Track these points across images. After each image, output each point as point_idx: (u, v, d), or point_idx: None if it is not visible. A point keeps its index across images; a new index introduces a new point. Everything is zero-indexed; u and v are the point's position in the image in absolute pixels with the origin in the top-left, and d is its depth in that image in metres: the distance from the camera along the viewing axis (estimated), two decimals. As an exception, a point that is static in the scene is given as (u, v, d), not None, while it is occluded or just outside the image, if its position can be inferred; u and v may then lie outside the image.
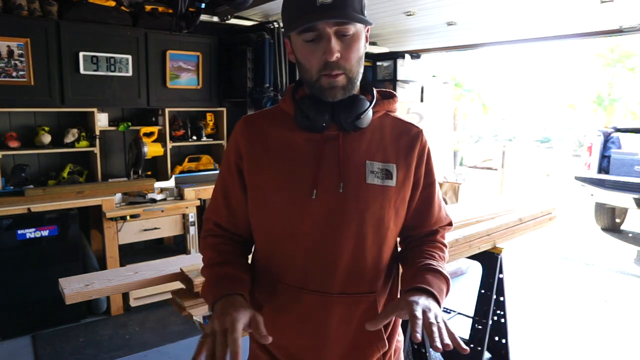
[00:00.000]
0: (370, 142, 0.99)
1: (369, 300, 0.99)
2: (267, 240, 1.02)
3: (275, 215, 0.98)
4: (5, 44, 2.92)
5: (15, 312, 2.91)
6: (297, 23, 0.88)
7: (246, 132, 1.02)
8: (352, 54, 0.91)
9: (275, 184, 0.97)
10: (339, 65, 0.91)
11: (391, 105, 1.04)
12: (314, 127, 0.95)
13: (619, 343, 3.06)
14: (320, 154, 0.96)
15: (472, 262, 3.51)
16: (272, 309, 1.01)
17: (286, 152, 0.97)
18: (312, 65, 0.92)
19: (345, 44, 0.91)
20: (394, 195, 0.98)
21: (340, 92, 0.94)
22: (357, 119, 0.95)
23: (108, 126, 3.54)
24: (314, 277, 0.96)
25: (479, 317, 2.44)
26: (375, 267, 0.99)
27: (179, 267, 1.59)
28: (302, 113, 0.95)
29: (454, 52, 4.83)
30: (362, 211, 0.95)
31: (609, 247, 5.32)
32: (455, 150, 6.40)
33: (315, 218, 0.95)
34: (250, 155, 1.00)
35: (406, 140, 1.02)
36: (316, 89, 0.95)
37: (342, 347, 1.00)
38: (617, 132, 5.80)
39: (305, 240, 0.96)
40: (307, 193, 0.94)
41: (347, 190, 0.95)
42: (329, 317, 0.97)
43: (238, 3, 3.12)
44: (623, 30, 3.45)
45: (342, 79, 0.93)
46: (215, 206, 1.07)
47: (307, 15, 0.87)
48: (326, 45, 0.89)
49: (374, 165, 0.97)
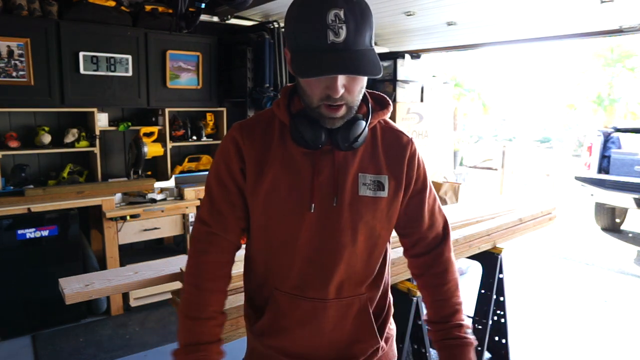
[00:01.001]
0: (363, 155, 1.01)
1: (361, 300, 1.04)
2: (265, 249, 1.04)
3: (274, 226, 1.00)
4: (5, 44, 2.92)
5: (15, 312, 2.91)
6: (305, 63, 0.84)
7: (248, 139, 1.01)
8: (356, 88, 0.90)
9: (274, 195, 0.98)
10: (342, 98, 0.89)
11: (385, 116, 1.05)
12: (309, 146, 0.96)
13: (619, 343, 3.06)
14: (316, 168, 0.97)
15: (472, 262, 3.50)
16: (272, 314, 1.04)
17: (284, 163, 0.98)
18: (314, 94, 0.90)
19: (351, 79, 0.88)
20: (386, 205, 1.01)
21: (340, 122, 0.94)
22: (355, 142, 0.96)
23: (108, 126, 3.54)
24: (310, 285, 1.00)
25: (479, 317, 2.44)
26: (367, 271, 1.04)
27: (179, 267, 1.59)
28: (298, 132, 0.94)
29: (454, 52, 4.83)
30: (356, 222, 0.99)
31: (609, 247, 5.32)
32: (455, 150, 6.39)
33: (312, 230, 0.98)
34: (252, 162, 1.00)
35: (396, 150, 1.04)
36: (315, 114, 0.93)
37: (337, 346, 1.05)
38: (617, 132, 5.80)
39: (302, 251, 0.99)
40: (305, 206, 0.97)
41: (341, 203, 0.97)
42: (324, 321, 1.02)
43: (238, 3, 3.12)
44: (623, 30, 3.45)
45: (343, 109, 0.92)
46: (208, 208, 1.04)
47: (316, 54, 0.83)
48: (332, 83, 0.86)
49: (366, 177, 0.99)
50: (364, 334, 1.05)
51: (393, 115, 4.41)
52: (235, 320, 1.35)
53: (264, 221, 1.01)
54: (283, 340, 1.04)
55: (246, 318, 1.14)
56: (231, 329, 1.35)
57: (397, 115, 4.51)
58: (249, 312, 1.11)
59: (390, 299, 1.15)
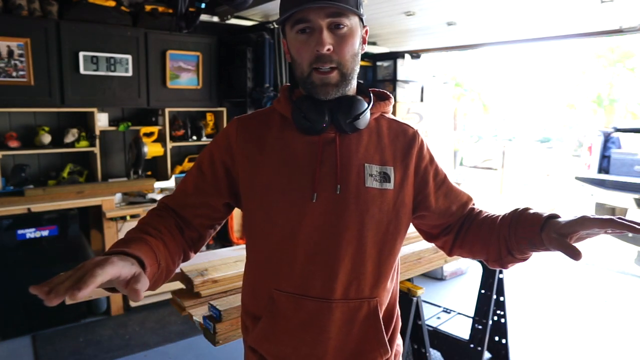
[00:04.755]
0: (368, 144, 0.97)
1: (370, 305, 0.97)
2: (265, 245, 0.98)
3: (274, 219, 0.95)
4: (5, 44, 2.92)
5: (15, 312, 2.91)
6: (285, 5, 0.88)
7: (242, 134, 0.99)
8: (345, 47, 0.89)
9: (274, 187, 0.94)
10: (331, 58, 0.88)
11: (386, 107, 1.03)
12: (313, 128, 0.93)
13: (619, 343, 3.06)
14: (319, 157, 0.93)
15: (472, 262, 3.51)
16: (271, 317, 0.98)
17: (284, 155, 0.95)
18: (304, 59, 0.90)
19: (339, 38, 0.88)
20: (392, 198, 0.97)
21: (333, 89, 0.91)
22: (356, 119, 0.93)
23: (108, 126, 3.54)
24: (314, 283, 0.94)
25: (479, 317, 2.44)
26: (376, 271, 0.97)
27: (179, 267, 1.59)
28: (301, 114, 0.93)
29: (454, 52, 4.83)
30: (362, 214, 0.93)
31: (609, 247, 5.32)
32: (455, 150, 6.39)
33: (315, 222, 0.93)
34: (245, 157, 0.97)
35: (403, 141, 1.01)
36: (308, 86, 0.92)
37: (344, 354, 0.97)
38: (617, 132, 5.80)
39: (305, 244, 0.93)
40: (307, 196, 0.92)
41: (346, 194, 0.93)
42: (329, 324, 0.95)
43: (238, 3, 3.12)
44: (623, 30, 3.45)
45: (335, 75, 0.90)
46: (175, 193, 1.02)
47: (300, 4, 0.85)
48: (318, 37, 0.87)
49: (373, 168, 0.95)
50: (372, 342, 0.98)
51: (393, 114, 4.40)
52: (235, 320, 1.35)
53: (262, 216, 0.96)
54: (283, 347, 0.97)
55: (244, 329, 1.07)
56: (231, 329, 1.35)
57: (397, 115, 4.51)
58: (247, 322, 1.05)
59: (398, 311, 1.08)
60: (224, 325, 1.34)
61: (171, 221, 0.97)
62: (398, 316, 1.08)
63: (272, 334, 0.98)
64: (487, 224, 1.01)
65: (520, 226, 0.93)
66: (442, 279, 4.07)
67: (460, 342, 2.55)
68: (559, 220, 0.86)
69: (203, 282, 1.48)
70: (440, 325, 2.78)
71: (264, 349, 1.00)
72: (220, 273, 1.51)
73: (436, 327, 2.72)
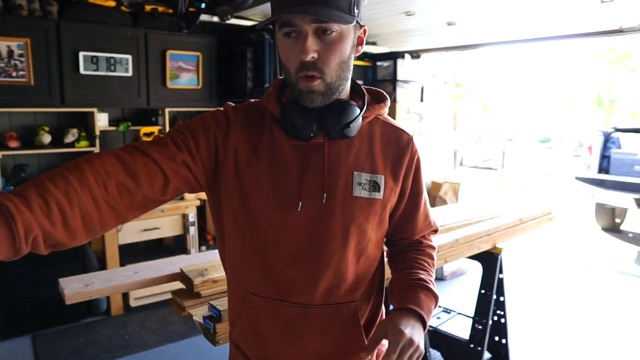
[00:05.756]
0: (359, 151, 0.94)
1: (349, 309, 0.96)
2: (243, 247, 0.94)
3: (257, 221, 0.91)
4: (5, 44, 2.91)
5: (15, 312, 2.91)
6: (273, 15, 0.83)
7: (240, 122, 0.93)
8: (331, 55, 0.84)
9: (259, 189, 0.90)
10: (315, 66, 0.84)
11: (381, 110, 0.98)
12: (301, 136, 0.90)
13: (619, 343, 3.06)
14: (306, 163, 0.90)
15: (472, 262, 3.50)
16: (247, 319, 0.97)
17: (272, 157, 0.91)
18: (291, 65, 0.86)
19: (326, 44, 0.83)
20: (380, 208, 0.95)
21: (319, 98, 0.87)
22: (346, 127, 0.89)
23: (108, 126, 3.54)
24: (294, 290, 0.92)
25: (479, 317, 2.43)
26: (356, 278, 0.96)
27: (179, 267, 1.59)
28: (289, 120, 0.89)
29: (454, 52, 4.83)
30: (347, 224, 0.91)
31: (609, 247, 5.32)
32: (455, 150, 6.39)
33: (298, 229, 0.90)
34: (238, 148, 0.91)
35: (396, 148, 0.97)
36: (296, 93, 0.88)
37: (323, 357, 0.97)
38: (617, 132, 5.81)
39: (287, 251, 0.91)
40: (292, 203, 0.89)
41: (332, 202, 0.90)
42: (308, 328, 0.94)
43: (238, 3, 3.12)
44: (623, 30, 3.45)
45: (319, 83, 0.85)
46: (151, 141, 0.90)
47: (285, 8, 0.81)
48: (302, 44, 0.82)
49: (362, 176, 0.92)
50: (351, 346, 0.97)
51: (393, 114, 4.41)
52: (235, 320, 1.35)
53: (244, 216, 0.92)
54: (263, 348, 0.97)
55: (230, 323, 1.07)
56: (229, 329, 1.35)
57: (397, 115, 4.52)
58: (232, 317, 1.04)
59: (384, 311, 1.08)
60: (224, 325, 1.34)
61: None
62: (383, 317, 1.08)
63: (250, 336, 0.98)
64: (403, 267, 1.03)
65: (399, 294, 0.97)
66: (442, 279, 4.07)
67: (460, 342, 2.55)
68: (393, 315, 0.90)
69: (203, 282, 1.48)
70: (440, 325, 2.78)
71: (245, 347, 1.01)
72: (220, 273, 1.51)
73: (436, 327, 2.72)
